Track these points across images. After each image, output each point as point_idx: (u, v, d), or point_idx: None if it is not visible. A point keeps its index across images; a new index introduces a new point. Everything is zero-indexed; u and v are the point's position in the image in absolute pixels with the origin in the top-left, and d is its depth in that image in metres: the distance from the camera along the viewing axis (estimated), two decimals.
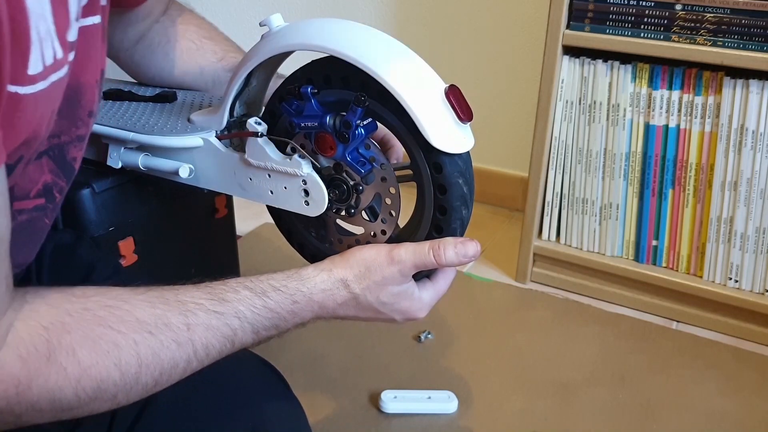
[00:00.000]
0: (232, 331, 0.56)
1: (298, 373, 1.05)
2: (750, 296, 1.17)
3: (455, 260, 0.62)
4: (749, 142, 1.10)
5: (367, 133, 0.64)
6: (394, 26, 1.67)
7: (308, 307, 0.61)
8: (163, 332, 0.52)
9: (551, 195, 1.28)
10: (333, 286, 0.61)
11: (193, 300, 0.55)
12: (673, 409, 1.01)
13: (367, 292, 0.62)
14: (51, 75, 0.46)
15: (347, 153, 0.64)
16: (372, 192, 0.66)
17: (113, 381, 0.49)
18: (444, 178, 0.62)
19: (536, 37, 1.50)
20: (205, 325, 0.54)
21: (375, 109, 0.63)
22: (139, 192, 0.86)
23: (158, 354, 0.51)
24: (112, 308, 0.50)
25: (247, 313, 0.57)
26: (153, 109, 0.84)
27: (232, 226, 1.05)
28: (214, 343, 0.55)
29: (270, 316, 0.59)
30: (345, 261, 0.62)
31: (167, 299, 0.54)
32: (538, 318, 1.24)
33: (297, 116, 0.65)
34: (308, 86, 0.64)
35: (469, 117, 0.61)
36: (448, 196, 0.63)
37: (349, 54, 0.60)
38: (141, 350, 0.50)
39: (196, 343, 0.53)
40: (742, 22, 1.06)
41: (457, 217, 0.64)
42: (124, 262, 0.85)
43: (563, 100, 1.22)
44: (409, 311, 0.64)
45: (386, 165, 0.64)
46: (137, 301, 0.52)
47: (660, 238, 1.23)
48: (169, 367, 0.52)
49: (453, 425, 0.98)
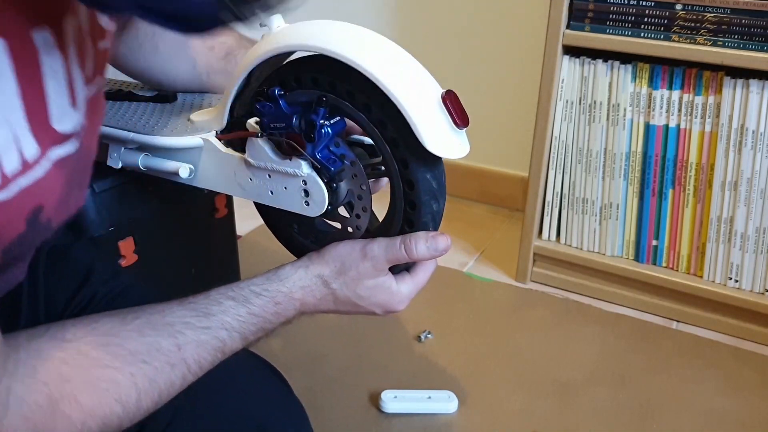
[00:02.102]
0: (221, 342, 0.58)
1: (298, 373, 1.05)
2: (750, 296, 1.17)
3: (426, 254, 0.63)
4: (749, 142, 1.10)
5: (335, 132, 0.65)
6: (394, 27, 1.66)
7: (290, 305, 0.63)
8: (156, 358, 0.53)
9: (551, 195, 1.28)
10: (311, 282, 0.64)
11: (180, 320, 0.57)
12: (673, 409, 1.01)
13: (344, 287, 0.64)
14: (16, 181, 0.44)
15: (317, 152, 0.65)
16: (345, 188, 0.67)
17: (117, 415, 0.51)
18: (411, 173, 0.63)
19: (536, 37, 1.50)
20: (195, 342, 0.56)
21: (342, 107, 0.64)
22: (139, 192, 0.86)
23: (155, 380, 0.53)
24: (105, 346, 0.52)
25: (234, 323, 0.59)
26: (153, 109, 0.84)
27: (232, 226, 1.05)
28: (205, 356, 0.57)
29: (255, 322, 0.61)
30: (321, 257, 0.65)
31: (155, 324, 0.55)
32: (538, 318, 1.24)
33: (267, 117, 0.66)
34: (275, 88, 0.65)
35: (465, 123, 0.61)
36: (417, 191, 0.63)
37: (347, 56, 0.61)
38: (138, 381, 0.52)
39: (188, 360, 0.55)
40: (742, 22, 1.05)
41: (427, 211, 0.64)
42: (124, 262, 0.85)
43: (563, 100, 1.22)
44: (387, 304, 0.66)
45: (356, 161, 0.66)
46: (127, 333, 0.54)
47: (660, 238, 1.23)
48: (166, 387, 0.54)
49: (453, 425, 0.98)
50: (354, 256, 0.64)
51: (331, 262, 0.64)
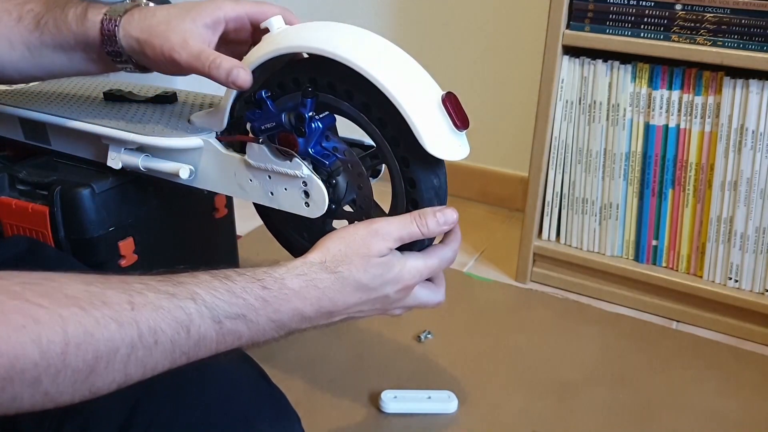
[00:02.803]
0: (186, 315, 0.47)
1: (298, 373, 1.05)
2: (750, 296, 1.17)
3: (437, 228, 0.61)
4: (749, 142, 1.10)
5: (325, 126, 0.65)
6: (394, 28, 1.66)
7: (283, 296, 0.54)
8: (99, 309, 0.43)
9: (551, 195, 1.29)
10: (309, 270, 0.56)
11: (139, 281, 0.47)
12: (673, 409, 1.01)
13: (353, 268, 0.58)
14: None
15: (309, 147, 0.65)
16: (344, 182, 0.67)
17: (32, 360, 0.40)
18: (412, 172, 0.63)
19: (536, 37, 1.50)
20: (153, 305, 0.46)
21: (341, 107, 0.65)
22: (139, 192, 0.86)
23: (91, 333, 0.42)
24: (35, 284, 0.43)
25: (206, 296, 0.49)
26: (153, 110, 0.84)
27: (232, 226, 1.05)
28: (163, 327, 0.46)
29: (234, 302, 0.51)
30: (321, 245, 0.59)
31: (108, 279, 0.46)
32: (538, 318, 1.24)
33: (257, 121, 0.66)
34: (261, 91, 0.65)
35: (466, 125, 0.62)
36: (419, 190, 0.64)
37: (346, 57, 0.61)
38: (69, 327, 0.41)
39: (141, 324, 0.45)
40: (742, 22, 1.05)
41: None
42: (123, 262, 0.85)
43: (563, 100, 1.22)
44: (401, 279, 0.60)
45: (349, 150, 0.66)
46: (68, 280, 0.44)
47: (660, 238, 1.23)
48: (106, 350, 0.43)
49: (453, 425, 0.98)
50: (361, 234, 0.59)
51: (333, 247, 0.58)
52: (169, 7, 0.68)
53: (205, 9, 0.68)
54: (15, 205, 0.81)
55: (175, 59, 0.66)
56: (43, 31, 0.69)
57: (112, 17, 0.68)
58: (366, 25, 0.64)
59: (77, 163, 0.85)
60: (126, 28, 0.67)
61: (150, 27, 0.67)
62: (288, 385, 1.01)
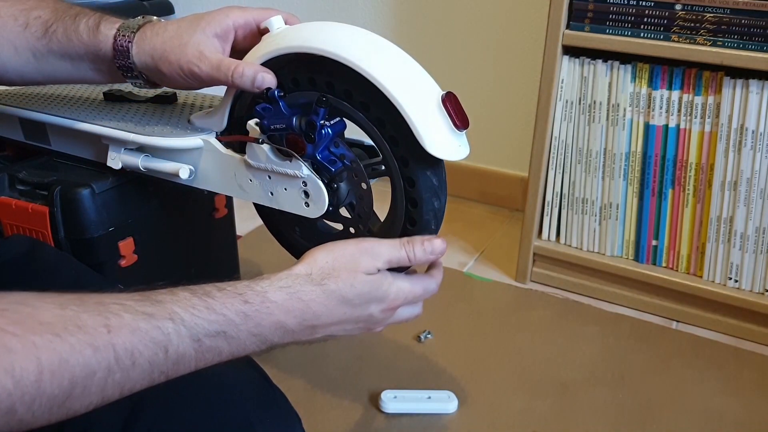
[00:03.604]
0: (164, 335, 0.46)
1: (298, 373, 1.06)
2: (750, 296, 1.17)
3: (423, 257, 0.62)
4: (749, 142, 1.10)
5: (335, 133, 0.66)
6: (394, 28, 1.67)
7: (264, 309, 0.53)
8: (74, 334, 0.42)
9: (551, 195, 1.29)
10: (294, 282, 0.56)
11: (116, 301, 0.46)
12: (673, 409, 1.01)
13: (339, 282, 0.57)
14: None
15: (317, 152, 0.66)
16: (346, 189, 0.68)
17: (6, 390, 0.39)
18: (412, 171, 0.63)
19: (536, 37, 1.50)
20: (129, 327, 0.45)
21: (340, 106, 0.65)
22: (139, 192, 0.86)
23: (66, 359, 0.41)
24: (3, 311, 0.41)
25: (184, 315, 0.48)
26: (153, 110, 0.84)
27: (232, 226, 1.05)
28: (141, 348, 0.45)
29: (213, 319, 0.50)
30: (309, 256, 0.59)
31: (84, 301, 0.45)
32: (538, 318, 1.24)
33: (267, 119, 0.66)
34: (276, 89, 0.65)
35: (465, 125, 0.62)
36: (418, 189, 0.64)
37: (347, 57, 0.61)
38: (43, 355, 0.40)
39: (117, 347, 0.44)
40: (742, 22, 1.05)
41: (429, 208, 0.65)
42: (123, 262, 0.85)
43: (563, 100, 1.22)
44: (386, 298, 0.61)
45: (356, 161, 0.66)
46: (42, 304, 0.43)
47: (660, 238, 1.23)
48: (82, 375, 0.42)
49: (453, 425, 0.98)
50: (350, 251, 0.60)
51: (320, 259, 0.58)
52: (179, 21, 0.69)
53: (214, 19, 0.68)
54: (15, 205, 0.81)
55: (195, 72, 0.66)
56: (51, 38, 0.69)
57: (125, 33, 0.68)
58: (366, 25, 0.64)
59: (77, 163, 0.86)
60: (140, 45, 0.68)
61: (162, 43, 0.68)
62: (288, 385, 1.01)
